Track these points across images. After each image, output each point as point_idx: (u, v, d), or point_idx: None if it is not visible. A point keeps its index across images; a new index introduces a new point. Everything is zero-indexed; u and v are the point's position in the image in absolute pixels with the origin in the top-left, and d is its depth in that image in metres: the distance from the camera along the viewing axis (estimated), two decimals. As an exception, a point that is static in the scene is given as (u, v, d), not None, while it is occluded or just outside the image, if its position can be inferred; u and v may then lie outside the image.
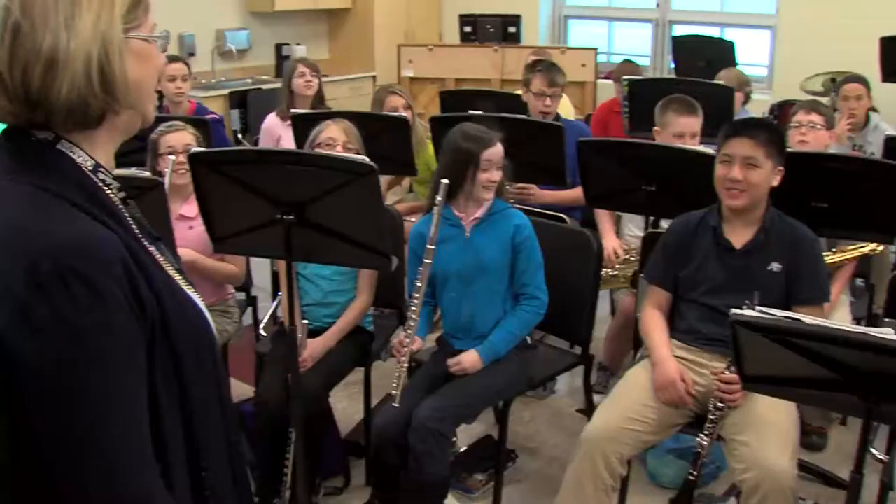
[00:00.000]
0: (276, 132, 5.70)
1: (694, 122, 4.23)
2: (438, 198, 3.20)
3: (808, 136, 4.33)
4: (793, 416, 3.07)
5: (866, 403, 2.08)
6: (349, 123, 3.88)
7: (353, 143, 3.79)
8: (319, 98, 5.85)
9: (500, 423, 3.52)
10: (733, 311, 2.14)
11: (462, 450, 3.99)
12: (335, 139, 3.77)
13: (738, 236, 3.24)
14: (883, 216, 3.58)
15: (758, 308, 2.10)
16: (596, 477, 3.02)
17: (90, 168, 1.35)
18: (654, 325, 3.32)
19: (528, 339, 3.52)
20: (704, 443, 3.03)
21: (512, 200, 3.75)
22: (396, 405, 3.24)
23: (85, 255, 1.23)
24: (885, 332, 2.01)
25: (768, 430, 2.95)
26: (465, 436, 4.12)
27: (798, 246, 3.20)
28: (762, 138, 3.17)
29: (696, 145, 4.22)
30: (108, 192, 1.37)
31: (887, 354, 1.98)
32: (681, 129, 4.19)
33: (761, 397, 2.95)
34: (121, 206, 1.37)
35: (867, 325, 3.99)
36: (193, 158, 2.95)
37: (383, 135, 4.47)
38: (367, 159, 2.83)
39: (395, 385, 3.24)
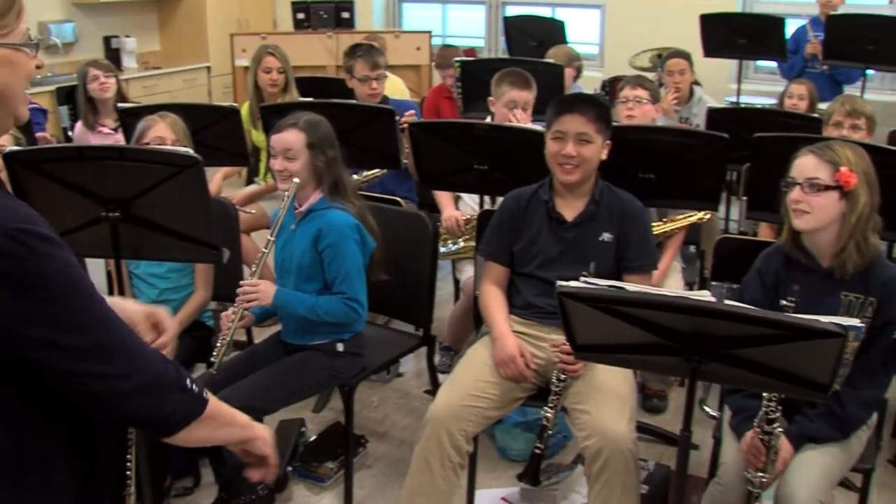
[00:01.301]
0: (88, 142, 5.35)
1: (527, 95, 4.39)
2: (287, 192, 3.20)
3: (634, 110, 4.45)
4: (629, 382, 3.16)
5: (690, 364, 2.14)
6: (175, 117, 3.77)
7: (182, 140, 3.68)
8: (121, 97, 5.47)
9: (346, 409, 3.49)
10: (559, 283, 2.17)
11: (312, 439, 3.95)
12: (164, 138, 3.64)
13: (570, 209, 3.30)
14: (706, 184, 3.72)
15: (582, 279, 2.13)
16: (443, 455, 3.03)
17: None
18: (493, 302, 3.34)
19: (340, 346, 3.40)
20: (549, 415, 3.07)
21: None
22: (214, 371, 3.19)
23: (30, 220, 1.41)
24: (701, 295, 2.08)
25: (606, 397, 3.02)
26: (315, 424, 4.10)
27: (627, 216, 3.28)
28: (593, 114, 3.24)
29: (528, 120, 4.30)
30: None
31: (705, 316, 2.04)
32: (513, 99, 4.35)
33: (600, 366, 3.04)
34: None
35: (699, 290, 4.15)
36: (9, 158, 2.82)
37: (214, 126, 4.37)
38: (190, 151, 2.76)
39: (214, 354, 3.18)
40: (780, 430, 2.68)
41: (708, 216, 4.15)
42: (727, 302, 2.03)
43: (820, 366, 2.10)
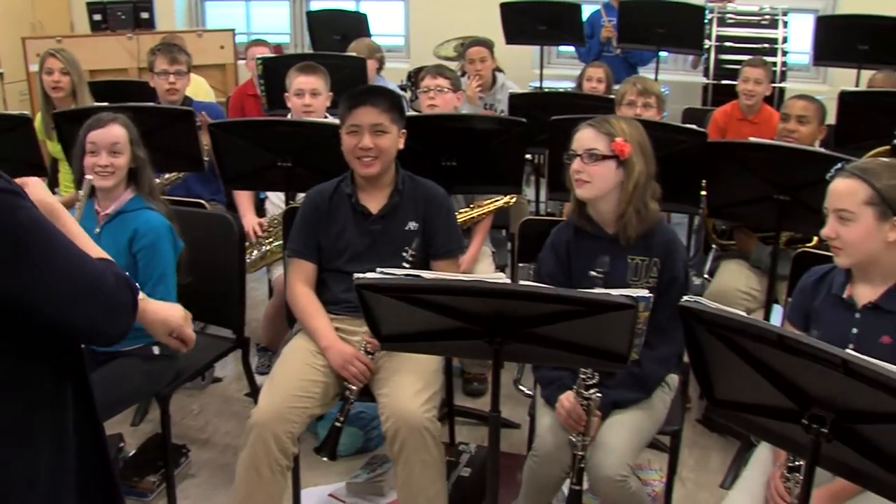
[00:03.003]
0: None
1: (314, 81, 4.41)
2: (81, 193, 3.06)
3: (436, 99, 4.51)
4: (433, 364, 3.19)
5: (492, 346, 2.17)
6: None
7: None
8: None
9: (163, 418, 3.39)
10: (356, 276, 2.17)
11: (131, 453, 3.83)
12: None
13: (374, 201, 3.30)
14: (508, 168, 3.80)
15: (378, 269, 2.14)
16: (271, 460, 2.98)
17: None
18: (309, 306, 3.28)
19: (156, 349, 3.29)
20: (352, 388, 3.12)
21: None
22: None
23: None
24: (496, 277, 2.12)
25: (406, 379, 3.06)
26: (135, 438, 3.97)
27: (431, 203, 3.32)
28: (385, 104, 3.24)
29: (320, 107, 4.34)
30: None
31: (501, 297, 2.08)
32: (300, 87, 4.38)
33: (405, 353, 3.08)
34: None
35: (511, 273, 4.24)
36: None
37: (3, 136, 4.18)
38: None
39: None
40: (598, 395, 2.78)
41: (513, 199, 4.23)
42: (521, 282, 2.07)
43: (616, 337, 2.17)
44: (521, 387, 4.30)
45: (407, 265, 3.09)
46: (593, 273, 2.68)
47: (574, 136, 2.98)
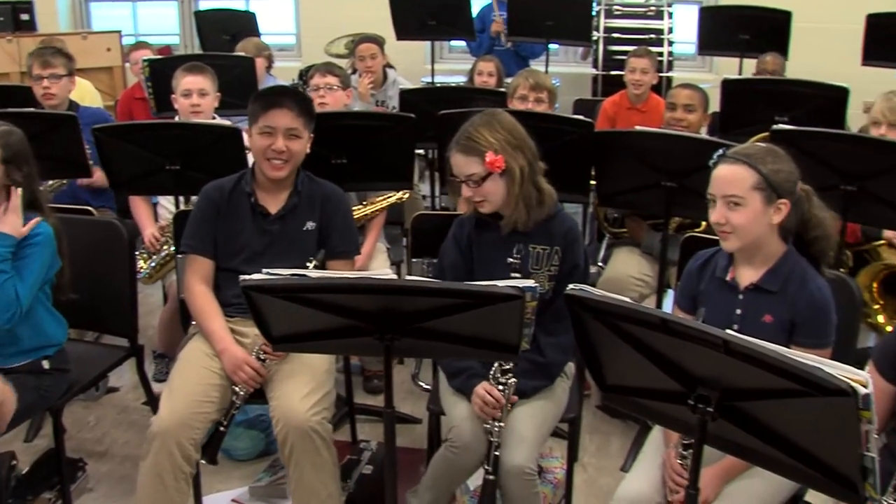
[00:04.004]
0: None
1: (200, 81, 4.34)
2: None
3: (326, 97, 4.49)
4: (324, 365, 3.17)
5: (383, 343, 2.17)
6: None
7: None
8: None
9: (55, 432, 3.30)
10: (242, 277, 2.15)
11: (25, 471, 3.72)
12: None
13: (274, 202, 3.27)
14: (398, 164, 3.80)
15: (264, 270, 2.12)
16: (175, 468, 2.93)
17: None
18: (207, 306, 3.23)
19: (46, 363, 3.19)
20: (239, 393, 3.09)
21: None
22: None
23: None
24: (383, 273, 2.12)
25: (294, 382, 3.05)
26: (29, 454, 3.85)
27: (328, 203, 3.30)
28: (300, 108, 3.23)
29: (208, 106, 4.32)
30: None
31: (388, 293, 2.08)
32: (187, 88, 4.31)
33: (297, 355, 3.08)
34: None
35: (407, 269, 4.24)
36: None
37: None
38: None
39: None
40: (513, 380, 2.82)
41: (406, 195, 4.24)
42: (409, 277, 2.07)
43: (506, 328, 2.19)
44: (419, 382, 4.31)
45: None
46: (511, 260, 2.73)
47: (450, 162, 3.00)
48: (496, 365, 2.81)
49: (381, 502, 2.47)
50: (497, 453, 2.81)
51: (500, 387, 2.83)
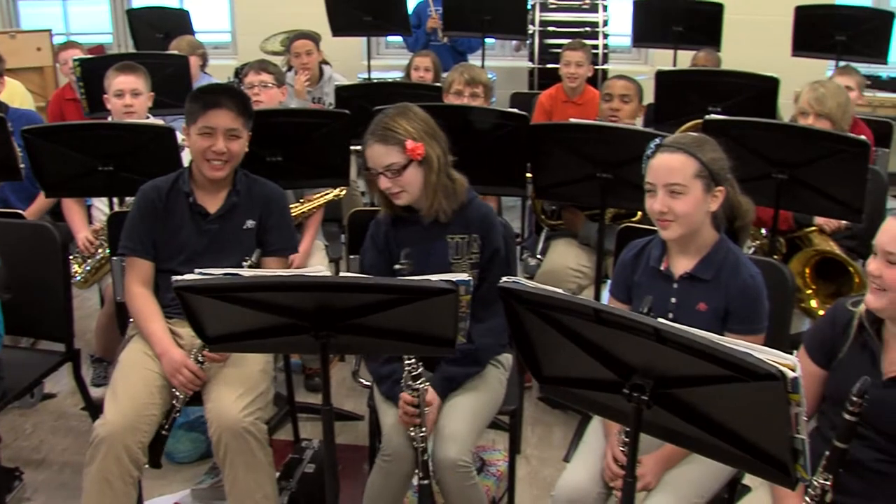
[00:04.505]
0: None
1: (133, 80, 4.31)
2: None
3: (261, 95, 4.48)
4: (259, 365, 3.15)
5: (319, 340, 2.16)
6: None
7: None
8: None
9: (-11, 444, 3.25)
10: (174, 278, 2.12)
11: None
12: None
13: (212, 201, 3.24)
14: (334, 161, 3.79)
15: (196, 270, 2.10)
16: (123, 472, 2.89)
17: None
18: (146, 308, 3.19)
19: None
20: (178, 395, 3.07)
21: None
22: None
23: None
24: (317, 270, 2.11)
25: (228, 383, 3.04)
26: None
27: (267, 201, 3.28)
28: (240, 108, 3.19)
29: (141, 104, 4.30)
30: None
31: (321, 290, 2.07)
32: (120, 87, 4.28)
33: (234, 354, 3.07)
34: None
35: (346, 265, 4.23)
36: None
37: None
38: None
39: None
40: (426, 385, 2.81)
41: (343, 192, 4.23)
42: (342, 274, 2.06)
43: (441, 322, 2.19)
44: (360, 378, 4.30)
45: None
46: (397, 267, 2.67)
47: (366, 153, 2.98)
48: (406, 372, 2.78)
49: (324, 500, 2.46)
50: (425, 458, 2.82)
51: (413, 392, 2.80)
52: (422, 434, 2.81)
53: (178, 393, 3.06)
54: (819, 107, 3.97)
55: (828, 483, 2.03)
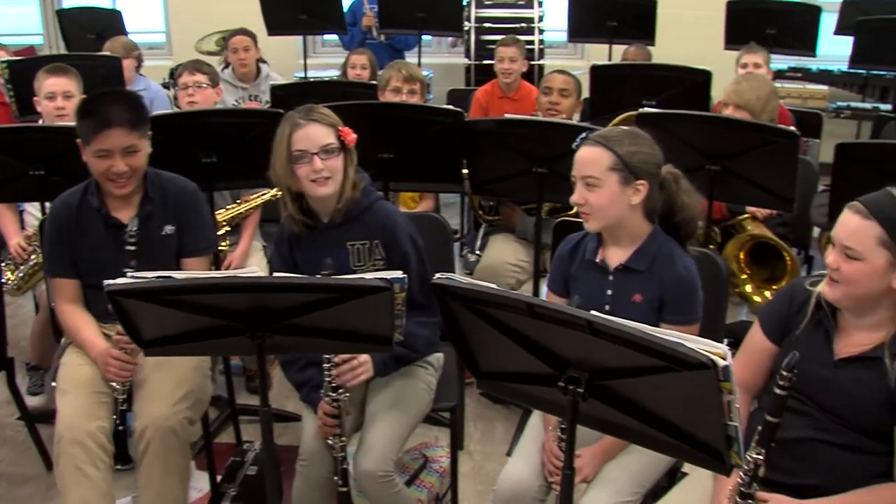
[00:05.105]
0: None
1: (64, 82, 4.24)
2: None
3: (196, 95, 4.44)
4: (193, 362, 3.13)
5: (255, 341, 2.15)
6: None
7: None
8: None
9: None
10: (106, 282, 2.08)
11: None
12: None
13: (125, 211, 3.13)
14: (269, 160, 3.74)
15: (129, 274, 2.08)
16: (93, 457, 2.85)
17: None
18: (77, 322, 3.14)
19: None
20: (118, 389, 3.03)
21: None
22: None
23: None
24: (250, 271, 2.10)
25: (158, 380, 3.02)
26: None
27: (181, 202, 3.18)
28: (133, 120, 3.00)
29: (73, 108, 4.13)
30: None
31: (255, 291, 2.06)
32: (51, 90, 4.21)
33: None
34: None
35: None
36: None
37: None
38: None
39: None
40: (346, 395, 2.80)
41: (280, 192, 4.18)
42: (276, 274, 2.05)
43: (377, 320, 2.20)
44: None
45: None
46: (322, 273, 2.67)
47: (294, 136, 2.91)
48: (325, 381, 2.77)
49: (266, 502, 2.45)
50: (345, 466, 2.83)
51: (334, 402, 2.79)
52: (341, 444, 2.81)
53: (116, 385, 3.01)
54: (737, 98, 4.05)
55: (760, 458, 2.06)
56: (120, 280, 2.07)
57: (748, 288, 4.07)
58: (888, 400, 2.23)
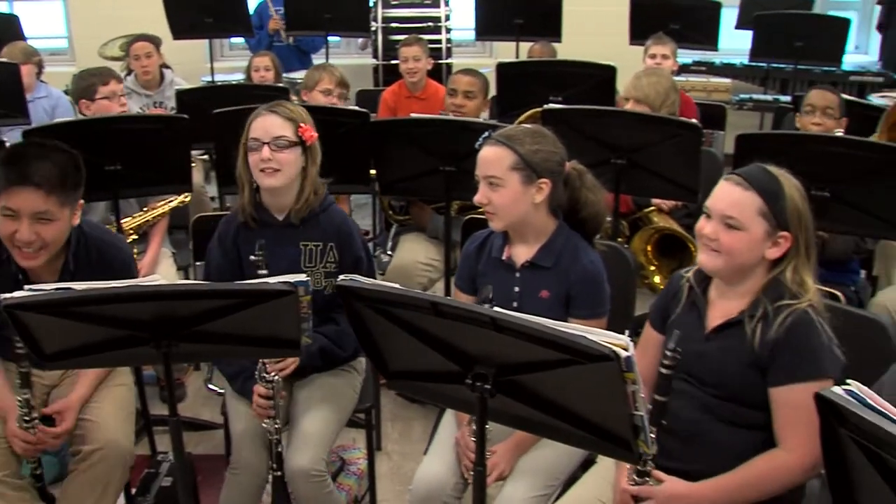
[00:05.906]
0: None
1: None
2: None
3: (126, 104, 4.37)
4: (127, 384, 3.09)
5: (160, 350, 2.12)
6: None
7: None
8: None
9: None
10: (2, 296, 2.02)
11: None
12: None
13: (48, 273, 2.87)
14: (173, 166, 3.72)
15: (26, 287, 2.03)
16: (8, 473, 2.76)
17: None
18: None
19: None
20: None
21: None
22: None
23: None
24: (152, 279, 2.07)
25: (111, 404, 2.94)
26: None
27: (108, 265, 2.88)
28: (55, 180, 2.62)
29: None
30: None
31: (157, 299, 2.03)
32: None
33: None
34: None
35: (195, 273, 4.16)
36: None
37: None
38: None
39: None
40: (278, 377, 2.79)
41: (188, 198, 4.16)
42: (181, 281, 2.03)
43: (284, 324, 2.18)
44: (211, 385, 4.23)
45: None
46: (253, 258, 2.67)
47: (253, 125, 2.91)
48: (260, 363, 2.76)
49: (181, 513, 2.42)
50: (279, 450, 2.80)
51: (267, 385, 2.78)
52: (276, 426, 2.78)
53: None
54: (637, 92, 4.14)
55: (652, 436, 2.10)
56: (17, 293, 2.01)
57: (657, 279, 4.14)
58: (753, 362, 2.26)
